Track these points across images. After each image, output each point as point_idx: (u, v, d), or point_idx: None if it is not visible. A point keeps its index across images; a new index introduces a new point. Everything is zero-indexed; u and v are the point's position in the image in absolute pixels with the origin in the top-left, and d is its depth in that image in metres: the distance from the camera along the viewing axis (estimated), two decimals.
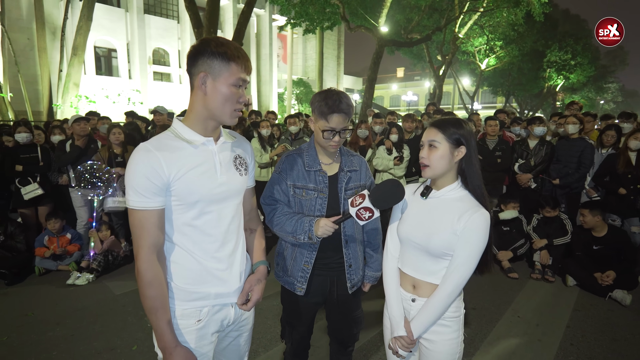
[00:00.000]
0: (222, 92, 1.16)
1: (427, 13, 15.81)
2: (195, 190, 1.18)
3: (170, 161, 1.14)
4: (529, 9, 14.31)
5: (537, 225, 4.37)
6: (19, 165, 4.25)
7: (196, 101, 1.20)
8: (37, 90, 13.44)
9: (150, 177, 1.12)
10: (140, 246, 1.14)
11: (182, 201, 1.18)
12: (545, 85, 25.21)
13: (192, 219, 1.21)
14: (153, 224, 1.15)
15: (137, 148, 1.15)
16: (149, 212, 1.14)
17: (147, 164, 1.12)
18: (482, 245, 1.35)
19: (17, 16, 13.91)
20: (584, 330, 3.05)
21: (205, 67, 1.15)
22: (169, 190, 1.16)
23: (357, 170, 1.79)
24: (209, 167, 1.22)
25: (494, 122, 4.81)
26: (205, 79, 1.15)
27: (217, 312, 1.29)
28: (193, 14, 8.63)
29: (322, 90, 1.71)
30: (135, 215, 1.14)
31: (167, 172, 1.14)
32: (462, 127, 1.38)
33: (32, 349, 2.76)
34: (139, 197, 1.12)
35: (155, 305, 1.14)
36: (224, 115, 1.20)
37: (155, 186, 1.13)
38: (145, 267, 1.13)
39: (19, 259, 4.03)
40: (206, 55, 1.14)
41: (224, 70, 1.15)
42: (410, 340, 1.43)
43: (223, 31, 21.32)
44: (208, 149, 1.23)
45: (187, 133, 1.21)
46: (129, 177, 1.13)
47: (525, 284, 3.94)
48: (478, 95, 29.54)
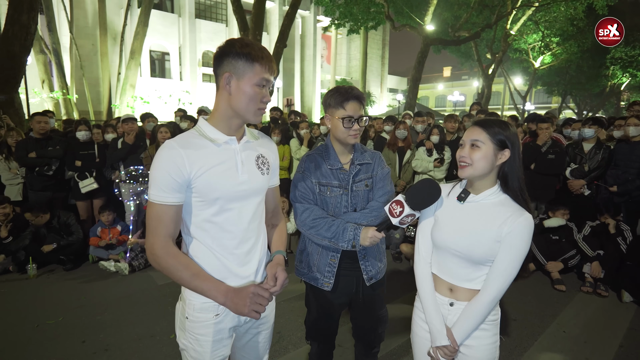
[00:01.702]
0: (246, 91, 1.19)
1: (476, 9, 15.14)
2: (216, 187, 1.21)
3: (193, 159, 1.17)
4: (591, 2, 13.29)
5: (588, 233, 4.05)
6: (78, 160, 4.62)
7: (221, 101, 1.23)
8: (99, 91, 14.56)
9: (172, 174, 1.16)
10: (156, 235, 1.18)
11: (203, 198, 1.21)
12: (607, 84, 23.21)
13: (212, 215, 1.24)
14: (170, 217, 1.19)
15: (163, 145, 1.19)
16: (167, 206, 1.18)
17: (170, 161, 1.16)
18: (526, 251, 1.30)
19: (84, 24, 15.15)
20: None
21: (230, 68, 1.18)
22: (190, 187, 1.20)
23: (369, 164, 1.79)
24: (231, 166, 1.25)
25: (546, 125, 4.48)
26: (229, 79, 1.19)
27: None
28: (240, 18, 8.93)
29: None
30: (153, 207, 1.18)
31: (189, 169, 1.17)
32: (507, 128, 1.32)
33: (83, 330, 2.99)
34: (160, 191, 1.16)
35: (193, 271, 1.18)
36: (248, 114, 1.23)
37: (176, 182, 1.17)
38: (165, 251, 1.17)
39: (75, 247, 4.38)
40: (231, 56, 1.17)
41: (248, 71, 1.18)
42: (454, 348, 1.38)
43: (269, 33, 21.84)
44: (230, 147, 1.26)
45: (211, 131, 1.24)
46: (153, 171, 1.18)
47: (574, 297, 3.66)
48: (531, 95, 27.88)
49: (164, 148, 1.18)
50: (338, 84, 25.36)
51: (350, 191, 1.74)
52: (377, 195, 1.77)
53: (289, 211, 4.76)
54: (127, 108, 12.13)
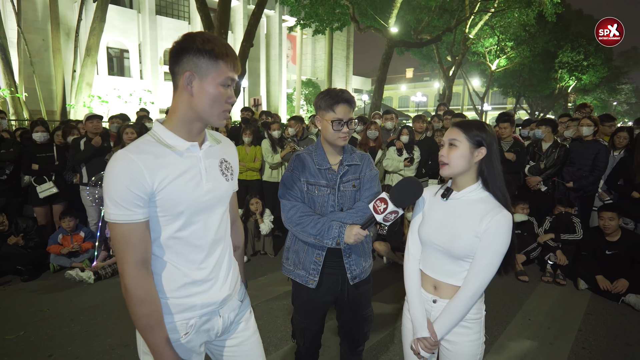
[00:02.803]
0: (210, 92, 1.09)
1: (437, 14, 15.71)
2: (180, 200, 1.10)
3: (153, 169, 1.05)
4: (541, 9, 14.16)
5: (549, 228, 4.33)
6: (35, 164, 4.34)
7: (181, 102, 1.11)
8: (51, 90, 13.70)
9: (132, 188, 1.02)
10: (126, 262, 1.05)
11: (167, 212, 1.10)
12: (556, 87, 24.88)
13: (177, 230, 1.13)
14: (138, 238, 1.05)
15: (116, 156, 1.05)
16: (133, 225, 1.05)
17: (128, 173, 1.02)
18: (505, 247, 1.34)
19: (33, 17, 14.18)
20: (596, 334, 3.02)
21: (191, 66, 1.07)
22: (153, 201, 1.07)
23: (357, 165, 1.82)
24: (195, 175, 1.14)
25: (506, 125, 4.75)
26: (191, 78, 1.07)
27: (204, 323, 1.22)
28: (204, 15, 8.70)
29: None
30: (117, 229, 1.04)
31: (150, 182, 1.05)
32: (484, 129, 1.39)
33: (48, 344, 2.82)
34: (121, 209, 1.03)
35: (151, 323, 1.07)
36: (212, 117, 1.13)
37: (138, 197, 1.04)
38: (134, 285, 1.05)
39: (34, 256, 4.11)
40: (192, 52, 1.06)
41: (211, 70, 1.07)
42: (434, 341, 1.44)
43: (233, 32, 21.46)
44: (193, 154, 1.15)
45: (170, 138, 1.12)
46: (108, 187, 1.03)
47: (536, 286, 3.91)
48: (488, 96, 29.23)
49: (116, 160, 1.04)
50: (304, 84, 25.36)
51: (337, 191, 1.77)
52: (364, 195, 1.80)
53: (262, 212, 4.72)
54: (83, 108, 11.48)
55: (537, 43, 19.01)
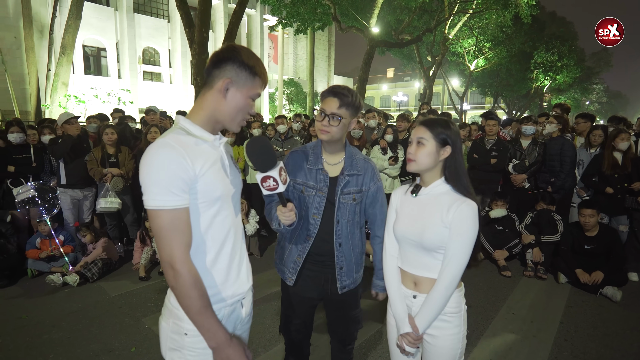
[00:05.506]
0: (240, 102, 1.19)
1: (417, 14, 15.95)
2: (217, 186, 1.18)
3: (193, 156, 1.11)
4: (517, 11, 14.55)
5: (529, 223, 4.45)
6: (11, 165, 4.18)
7: (212, 102, 1.19)
8: (25, 89, 13.19)
9: (180, 173, 1.08)
10: (176, 247, 1.08)
11: (206, 198, 1.16)
12: (532, 86, 25.63)
13: (213, 216, 1.20)
14: (185, 222, 1.11)
15: (158, 144, 1.10)
16: (180, 210, 1.09)
17: (176, 160, 1.08)
18: (473, 235, 1.39)
19: (4, 14, 13.63)
20: (577, 326, 3.12)
21: (232, 75, 1.16)
22: (194, 187, 1.13)
23: (359, 175, 1.75)
24: (222, 164, 1.23)
25: (493, 122, 4.85)
26: (229, 85, 1.17)
27: (231, 312, 1.28)
28: (184, 13, 8.57)
29: None
30: (164, 216, 1.07)
31: (193, 167, 1.11)
32: (449, 127, 1.45)
33: (28, 353, 2.72)
34: (169, 195, 1.07)
35: (205, 304, 1.11)
36: (233, 123, 1.23)
37: (185, 182, 1.09)
38: (187, 268, 1.09)
39: (10, 261, 3.96)
40: (236, 64, 1.16)
41: (248, 83, 1.19)
42: (417, 336, 1.47)
43: (214, 31, 21.20)
44: (217, 147, 1.24)
45: (198, 131, 1.19)
46: (155, 175, 1.07)
47: (519, 281, 4.01)
48: (467, 95, 29.85)
49: (159, 147, 1.09)
50: (286, 84, 25.27)
51: (337, 203, 1.72)
52: (369, 213, 1.82)
53: (247, 213, 4.68)
54: (59, 108, 11.12)
55: (513, 44, 19.52)
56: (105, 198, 4.32)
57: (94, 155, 4.38)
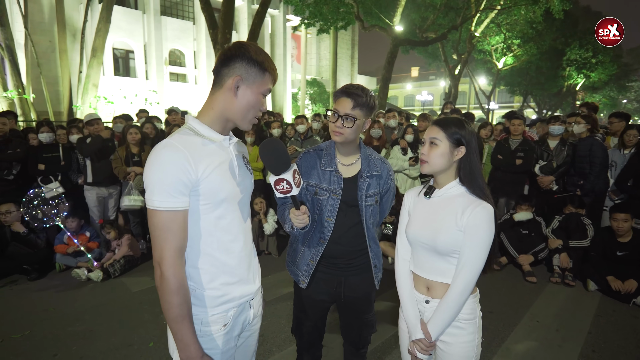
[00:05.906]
0: (251, 99, 1.18)
1: (442, 11, 15.58)
2: (222, 187, 1.17)
3: (197, 158, 1.11)
4: (548, 7, 13.98)
5: (557, 227, 4.26)
6: (41, 164, 4.36)
7: (222, 101, 1.19)
8: (58, 91, 13.81)
9: (179, 175, 1.07)
10: (165, 249, 1.08)
11: (209, 200, 1.15)
12: (564, 84, 24.60)
13: (217, 218, 1.19)
14: (179, 225, 1.10)
15: (161, 145, 1.10)
16: (176, 212, 1.09)
17: (177, 162, 1.07)
18: (489, 239, 1.34)
19: (40, 19, 14.31)
20: (606, 337, 2.96)
21: (242, 72, 1.16)
22: (196, 190, 1.12)
23: (379, 175, 1.73)
24: (230, 165, 1.22)
25: (519, 122, 4.66)
26: (239, 83, 1.16)
27: (239, 313, 1.28)
28: (208, 15, 8.72)
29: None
30: (159, 216, 1.08)
31: (196, 170, 1.10)
32: (463, 127, 1.40)
33: (53, 344, 2.82)
34: (167, 197, 1.07)
35: (183, 313, 1.10)
36: (244, 120, 1.22)
37: (184, 185, 1.09)
38: (172, 272, 1.08)
39: (40, 255, 4.13)
40: (245, 60, 1.16)
41: (258, 79, 1.18)
42: (429, 342, 1.42)
43: (238, 32, 21.50)
44: (226, 147, 1.23)
45: (206, 131, 1.19)
46: (155, 175, 1.08)
47: (544, 288, 3.85)
48: (494, 94, 29.02)
49: (164, 148, 1.09)
50: (309, 84, 25.34)
51: (363, 208, 1.71)
52: (381, 211, 1.84)
53: (266, 212, 4.71)
54: (89, 109, 11.56)
55: (544, 40, 18.79)
56: (129, 196, 4.44)
57: (118, 154, 4.51)
